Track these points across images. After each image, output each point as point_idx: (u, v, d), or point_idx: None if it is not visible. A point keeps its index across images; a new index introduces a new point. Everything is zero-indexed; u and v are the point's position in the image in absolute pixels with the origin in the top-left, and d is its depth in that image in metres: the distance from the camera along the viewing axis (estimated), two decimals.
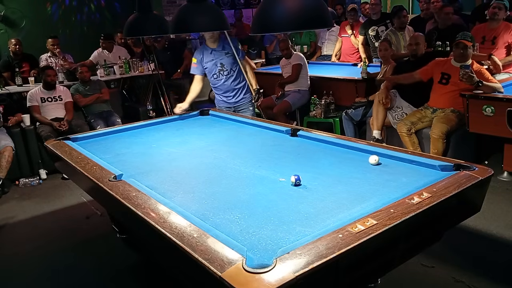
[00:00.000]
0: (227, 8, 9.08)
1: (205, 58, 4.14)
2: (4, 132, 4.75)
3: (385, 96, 4.27)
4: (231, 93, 4.25)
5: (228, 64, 4.15)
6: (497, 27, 4.61)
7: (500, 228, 3.20)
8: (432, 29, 5.36)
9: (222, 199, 2.02)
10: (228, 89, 4.23)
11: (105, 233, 3.43)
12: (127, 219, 2.19)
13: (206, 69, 4.17)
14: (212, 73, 4.18)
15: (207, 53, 4.14)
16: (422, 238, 1.88)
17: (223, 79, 4.18)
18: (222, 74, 4.17)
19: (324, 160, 2.48)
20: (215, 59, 4.12)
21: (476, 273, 2.71)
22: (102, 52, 6.50)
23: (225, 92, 4.26)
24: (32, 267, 3.19)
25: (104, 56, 6.44)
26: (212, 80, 4.24)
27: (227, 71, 4.16)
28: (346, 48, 6.66)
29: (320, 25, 2.15)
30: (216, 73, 4.17)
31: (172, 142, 3.09)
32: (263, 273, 1.34)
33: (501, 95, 3.74)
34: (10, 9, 7.07)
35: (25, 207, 4.25)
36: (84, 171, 2.44)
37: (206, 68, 4.17)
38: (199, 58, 4.17)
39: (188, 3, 3.00)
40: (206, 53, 4.15)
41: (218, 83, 4.22)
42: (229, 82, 4.20)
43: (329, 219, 1.74)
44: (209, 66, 4.14)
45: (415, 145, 4.12)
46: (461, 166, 2.10)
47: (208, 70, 4.18)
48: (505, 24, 4.61)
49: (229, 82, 4.20)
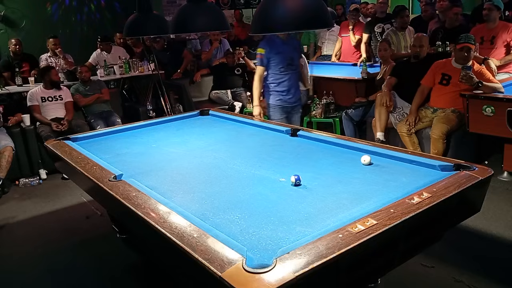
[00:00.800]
0: (227, 8, 9.08)
1: (274, 50, 3.83)
2: (4, 132, 4.75)
3: (389, 99, 4.26)
4: (293, 91, 3.98)
5: (296, 59, 3.92)
6: (494, 27, 4.62)
7: (500, 228, 3.20)
8: (437, 28, 5.37)
9: (222, 199, 2.02)
10: (291, 86, 3.95)
11: (105, 233, 3.44)
12: (127, 219, 2.19)
13: (273, 61, 3.86)
14: (280, 67, 3.86)
15: (277, 44, 3.84)
16: (422, 238, 1.88)
17: (290, 74, 3.89)
18: (290, 69, 3.89)
19: (324, 160, 2.48)
20: (285, 52, 3.85)
21: (476, 273, 2.71)
22: (101, 54, 6.50)
23: (288, 90, 3.95)
24: (32, 267, 3.19)
25: (103, 57, 6.44)
26: (277, 74, 3.90)
27: (295, 66, 3.90)
28: (346, 48, 6.67)
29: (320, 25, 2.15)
30: (285, 66, 3.86)
31: (172, 142, 3.09)
32: (263, 273, 1.34)
33: (501, 95, 3.74)
34: (10, 9, 7.08)
35: (25, 207, 4.25)
36: (84, 171, 2.44)
37: (273, 61, 3.85)
38: (267, 49, 3.85)
39: (188, 3, 3.00)
40: (275, 44, 3.84)
41: (283, 78, 3.90)
42: (294, 79, 3.94)
43: (329, 219, 1.74)
44: (278, 58, 3.84)
45: (415, 145, 4.13)
46: (461, 166, 2.10)
47: (275, 63, 3.86)
48: (503, 24, 4.62)
49: (294, 78, 3.94)
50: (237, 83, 6.35)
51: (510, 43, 4.52)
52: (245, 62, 6.47)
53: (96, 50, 6.54)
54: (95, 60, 6.46)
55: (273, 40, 3.86)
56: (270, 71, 3.92)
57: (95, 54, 6.51)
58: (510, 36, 4.52)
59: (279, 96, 3.96)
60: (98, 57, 6.47)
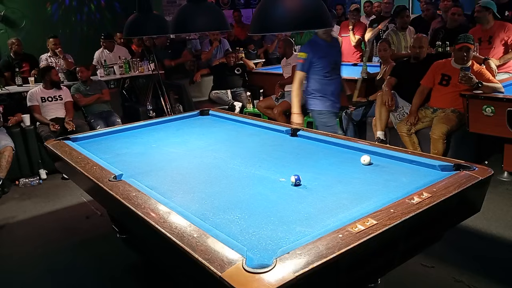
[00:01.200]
0: (227, 8, 9.08)
1: (318, 53, 3.56)
2: (4, 132, 4.75)
3: (391, 99, 4.26)
4: (339, 97, 3.72)
5: (339, 62, 3.66)
6: (490, 27, 4.63)
7: (500, 228, 3.20)
8: (439, 27, 5.38)
9: (222, 199, 2.02)
10: (337, 92, 3.68)
11: (105, 233, 3.43)
12: (127, 219, 2.19)
13: (317, 66, 3.58)
14: (325, 71, 3.60)
15: (321, 47, 3.57)
16: (422, 238, 1.88)
17: (334, 79, 3.64)
18: (335, 73, 3.64)
19: (324, 160, 2.48)
20: (330, 56, 3.60)
21: (476, 273, 2.71)
22: (103, 52, 6.49)
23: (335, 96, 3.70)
24: (32, 267, 3.19)
25: (105, 56, 6.44)
26: (322, 80, 3.62)
27: (339, 71, 3.65)
28: (346, 48, 6.66)
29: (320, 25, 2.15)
30: (330, 71, 3.60)
31: (172, 142, 3.09)
32: (263, 273, 1.34)
33: (501, 95, 3.74)
34: (10, 9, 7.08)
35: (25, 207, 4.25)
36: (84, 171, 2.44)
37: (317, 65, 3.58)
38: (310, 53, 3.57)
39: (188, 3, 3.00)
40: (318, 47, 3.57)
41: (328, 84, 3.63)
42: (338, 84, 3.68)
43: (329, 219, 1.74)
44: (322, 62, 3.57)
45: (415, 145, 4.13)
46: (461, 166, 2.10)
47: (320, 68, 3.59)
48: (499, 24, 4.64)
49: (338, 83, 3.68)
50: (237, 83, 6.35)
51: (507, 41, 4.54)
52: (244, 63, 6.48)
53: (99, 49, 6.53)
54: (98, 60, 6.44)
55: (317, 43, 3.60)
56: (313, 77, 3.62)
57: (97, 54, 6.50)
58: (507, 35, 4.54)
59: (328, 101, 3.71)
60: (100, 56, 6.46)
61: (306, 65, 3.58)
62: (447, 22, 5.31)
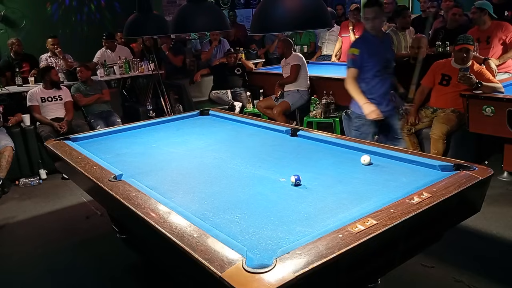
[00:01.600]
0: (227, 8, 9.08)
1: (369, 50, 3.28)
2: (4, 132, 4.75)
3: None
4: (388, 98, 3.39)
5: (391, 60, 3.35)
6: (487, 28, 4.65)
7: (500, 228, 3.20)
8: (439, 27, 5.39)
9: (222, 199, 2.02)
10: (387, 93, 3.36)
11: (105, 233, 3.43)
12: (127, 219, 2.19)
13: (367, 64, 3.31)
14: (375, 70, 3.30)
15: (372, 44, 3.28)
16: (422, 238, 1.88)
17: (385, 79, 3.34)
18: (386, 72, 3.33)
19: (324, 160, 2.48)
20: (381, 53, 3.30)
21: (476, 273, 2.71)
22: (105, 52, 6.49)
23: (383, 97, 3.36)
24: (32, 267, 3.19)
25: (107, 55, 6.44)
26: (371, 80, 3.33)
27: (391, 69, 3.36)
28: (346, 48, 6.65)
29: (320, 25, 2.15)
30: (380, 69, 3.30)
31: (172, 142, 3.09)
32: (263, 273, 1.34)
33: (501, 95, 3.74)
34: (10, 9, 7.08)
35: (25, 207, 4.25)
36: (84, 171, 2.44)
37: (367, 63, 3.31)
38: (362, 49, 3.31)
39: (188, 3, 3.00)
40: (370, 44, 3.29)
41: (378, 84, 3.33)
42: (389, 84, 3.37)
43: (329, 219, 1.74)
44: (373, 60, 3.29)
45: (415, 145, 4.13)
46: (461, 166, 2.10)
47: (370, 66, 3.30)
48: (496, 23, 4.66)
49: (389, 83, 3.37)
50: (237, 83, 6.35)
51: (506, 40, 4.55)
52: (243, 64, 6.48)
53: (101, 49, 6.53)
54: (100, 59, 6.43)
55: (368, 39, 3.32)
56: (361, 76, 3.35)
57: (99, 53, 6.49)
58: (505, 34, 4.57)
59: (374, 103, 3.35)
60: (102, 56, 6.45)
61: (359, 62, 3.30)
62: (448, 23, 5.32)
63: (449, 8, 5.42)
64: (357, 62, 3.31)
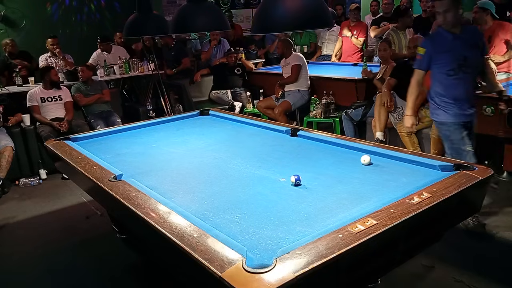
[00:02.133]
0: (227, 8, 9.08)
1: (440, 47, 3.06)
2: (4, 132, 4.75)
3: (390, 99, 4.24)
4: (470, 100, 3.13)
5: (474, 59, 3.04)
6: (488, 28, 4.64)
7: (500, 228, 3.20)
8: None
9: (222, 199, 2.02)
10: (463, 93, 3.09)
11: (105, 233, 3.43)
12: (127, 219, 2.19)
13: (437, 62, 3.08)
14: (447, 69, 3.04)
15: (444, 40, 3.05)
16: (422, 238, 1.88)
17: (462, 79, 3.05)
18: (463, 71, 3.03)
19: (324, 160, 2.48)
20: (456, 49, 3.02)
21: (476, 273, 2.71)
22: (101, 54, 6.49)
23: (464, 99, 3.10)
24: (32, 267, 3.19)
25: (104, 57, 6.44)
26: (445, 80, 3.09)
27: (470, 69, 3.04)
28: (347, 48, 6.67)
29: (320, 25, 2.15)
30: (455, 68, 3.02)
31: (172, 142, 3.09)
32: (263, 273, 1.34)
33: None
34: (10, 9, 7.07)
35: (25, 207, 4.25)
36: (84, 171, 2.44)
37: (438, 61, 3.08)
38: (429, 47, 3.10)
39: (188, 3, 3.00)
40: (441, 40, 3.06)
41: (453, 85, 3.07)
42: (468, 84, 3.10)
43: (329, 219, 1.74)
44: (445, 58, 3.04)
45: (415, 145, 4.13)
46: (461, 166, 2.10)
47: (441, 64, 3.06)
48: (498, 23, 4.66)
49: (468, 83, 3.10)
50: (237, 83, 6.35)
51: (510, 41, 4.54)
52: (243, 64, 6.48)
53: (97, 50, 6.54)
54: (96, 60, 6.45)
55: (441, 36, 3.08)
56: (435, 76, 3.14)
57: (95, 54, 6.50)
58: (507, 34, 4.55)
59: (451, 109, 3.10)
60: (98, 57, 6.47)
61: (425, 62, 3.11)
62: None
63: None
64: (422, 62, 3.13)
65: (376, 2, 7.30)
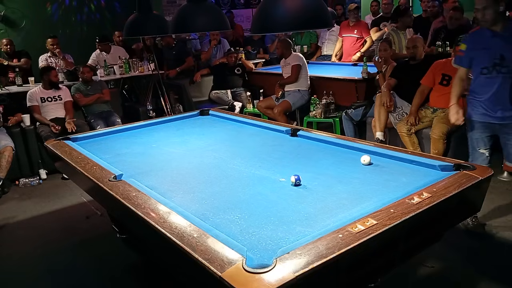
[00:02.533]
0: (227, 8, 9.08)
1: (477, 45, 2.97)
2: (4, 132, 4.75)
3: (389, 99, 4.25)
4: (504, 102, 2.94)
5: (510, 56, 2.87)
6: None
7: (500, 228, 3.20)
8: (440, 27, 5.39)
9: (222, 199, 2.02)
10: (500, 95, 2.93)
11: (105, 233, 3.43)
12: (127, 219, 2.19)
13: (475, 60, 3.00)
14: (481, 67, 2.95)
15: (483, 37, 2.94)
16: (422, 238, 1.88)
17: (497, 79, 2.91)
18: (497, 71, 2.89)
19: (324, 160, 2.48)
20: (493, 47, 2.90)
21: (476, 273, 2.71)
22: (100, 54, 6.49)
23: (494, 101, 2.96)
24: (32, 267, 3.19)
25: (103, 57, 6.44)
26: (478, 77, 3.01)
27: (507, 69, 2.88)
28: (347, 48, 6.67)
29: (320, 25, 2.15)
30: (489, 67, 2.91)
31: (172, 142, 3.09)
32: (263, 273, 1.34)
33: None
34: (10, 9, 7.07)
35: (25, 207, 4.25)
36: (84, 171, 2.44)
37: (476, 59, 2.99)
38: (470, 44, 3.02)
39: (188, 3, 3.00)
40: (480, 38, 2.97)
41: (485, 84, 2.97)
42: (505, 85, 2.91)
43: (329, 219, 1.74)
44: (481, 55, 2.95)
45: (415, 145, 4.13)
46: (461, 166, 2.10)
47: (477, 62, 2.98)
48: None
49: (505, 84, 2.91)
50: (237, 83, 6.35)
51: None
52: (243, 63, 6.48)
53: (96, 50, 6.54)
54: (95, 61, 6.45)
55: (481, 33, 2.99)
56: (472, 73, 3.07)
57: (95, 55, 6.50)
58: None
59: (479, 107, 3.02)
60: (97, 58, 6.46)
61: (466, 59, 3.03)
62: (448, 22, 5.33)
63: (449, 8, 5.43)
64: (463, 59, 3.05)
65: (376, 2, 7.30)
